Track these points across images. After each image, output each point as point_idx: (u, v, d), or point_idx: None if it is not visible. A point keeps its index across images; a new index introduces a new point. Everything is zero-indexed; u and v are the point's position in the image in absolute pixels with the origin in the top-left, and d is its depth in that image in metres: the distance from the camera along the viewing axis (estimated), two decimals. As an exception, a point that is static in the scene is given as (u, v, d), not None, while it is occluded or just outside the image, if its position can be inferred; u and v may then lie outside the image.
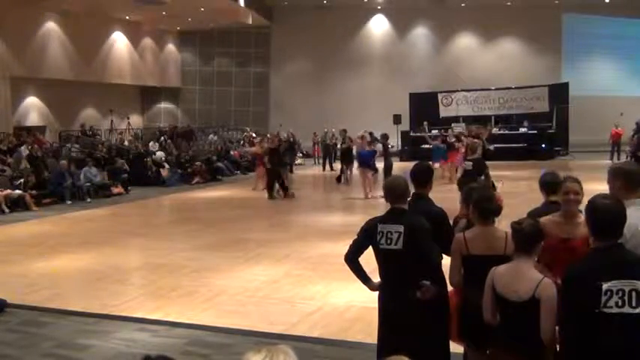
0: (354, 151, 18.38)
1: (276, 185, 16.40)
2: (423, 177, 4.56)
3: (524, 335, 3.29)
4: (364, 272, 4.26)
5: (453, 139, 18.97)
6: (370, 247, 4.23)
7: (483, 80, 29.58)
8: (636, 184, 3.67)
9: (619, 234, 3.01)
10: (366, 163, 16.15)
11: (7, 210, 14.62)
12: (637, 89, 29.43)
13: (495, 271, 3.47)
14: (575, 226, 3.96)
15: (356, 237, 4.29)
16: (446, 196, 8.23)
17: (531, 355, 3.30)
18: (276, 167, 16.34)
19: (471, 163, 11.79)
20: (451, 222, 4.56)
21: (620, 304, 2.86)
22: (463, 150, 16.79)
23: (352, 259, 4.25)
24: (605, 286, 2.87)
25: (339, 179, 19.51)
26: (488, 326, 3.60)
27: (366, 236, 4.21)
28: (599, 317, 2.89)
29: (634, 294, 2.86)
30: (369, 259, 4.26)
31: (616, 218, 3.00)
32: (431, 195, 4.55)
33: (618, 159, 23.55)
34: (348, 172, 19.29)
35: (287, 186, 16.52)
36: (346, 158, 19.41)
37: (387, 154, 17.04)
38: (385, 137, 17.74)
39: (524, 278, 3.31)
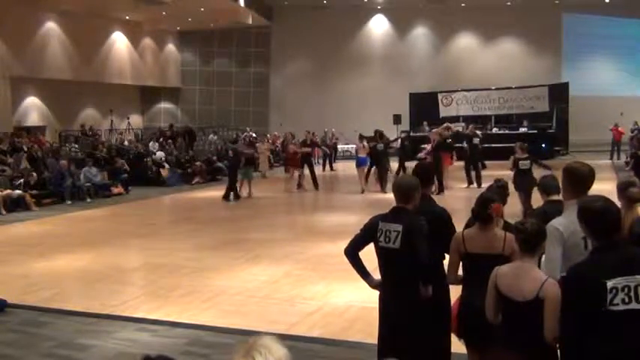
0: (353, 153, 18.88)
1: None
2: (424, 176, 4.56)
3: (527, 335, 3.28)
4: (363, 267, 4.26)
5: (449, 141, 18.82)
6: (372, 245, 4.23)
7: (483, 80, 29.56)
8: (580, 185, 3.76)
9: (616, 231, 3.02)
10: (363, 164, 17.63)
11: (4, 212, 14.60)
12: (637, 89, 29.40)
13: (498, 271, 3.47)
14: None
15: (358, 232, 4.30)
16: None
17: (533, 354, 3.29)
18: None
19: (528, 162, 11.83)
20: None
21: (626, 300, 2.86)
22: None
23: (351, 252, 4.25)
24: (609, 283, 2.86)
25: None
26: (486, 325, 3.59)
27: (368, 232, 4.21)
28: (606, 315, 2.88)
29: None
30: (370, 258, 4.26)
31: (609, 217, 3.01)
32: None
33: (618, 158, 23.56)
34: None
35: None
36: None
37: (379, 153, 17.57)
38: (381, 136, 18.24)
39: (528, 278, 3.30)
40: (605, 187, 3.78)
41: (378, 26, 33.24)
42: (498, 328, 3.51)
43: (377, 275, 4.28)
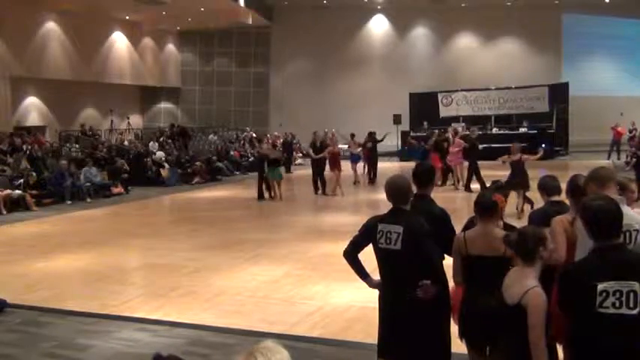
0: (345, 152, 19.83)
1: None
2: (424, 177, 4.56)
3: (513, 339, 3.28)
4: (363, 268, 4.25)
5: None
6: (371, 246, 4.22)
7: (483, 80, 29.57)
8: (602, 182, 3.78)
9: (616, 233, 3.02)
10: (356, 161, 19.57)
11: (4, 211, 14.60)
12: (637, 89, 29.42)
13: (508, 273, 3.47)
14: None
15: (357, 233, 4.29)
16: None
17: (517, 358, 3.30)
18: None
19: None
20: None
21: (617, 305, 2.86)
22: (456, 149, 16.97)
23: (351, 254, 4.25)
24: (600, 286, 2.87)
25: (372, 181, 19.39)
26: (488, 326, 3.59)
27: (366, 234, 4.20)
28: (596, 317, 2.89)
29: (632, 295, 2.86)
30: (371, 259, 4.26)
31: (610, 218, 3.00)
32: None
33: (618, 158, 23.54)
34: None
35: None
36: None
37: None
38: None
39: (518, 284, 3.28)
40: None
41: (378, 26, 33.25)
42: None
43: (376, 276, 4.29)
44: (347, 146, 18.87)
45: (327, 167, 17.60)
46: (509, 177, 11.72)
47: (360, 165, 20.01)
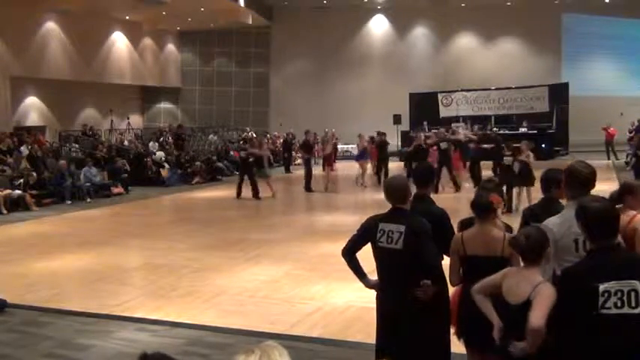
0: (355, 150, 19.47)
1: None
2: (424, 177, 4.56)
3: (518, 339, 3.26)
4: (360, 268, 4.26)
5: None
6: (369, 246, 4.22)
7: (483, 80, 29.57)
8: (581, 186, 3.68)
9: (613, 234, 3.02)
10: (362, 158, 19.21)
11: (4, 211, 14.60)
12: (637, 89, 29.40)
13: (506, 274, 3.45)
14: None
15: (355, 233, 4.29)
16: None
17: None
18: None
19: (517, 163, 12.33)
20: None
21: (619, 304, 2.86)
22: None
23: (349, 253, 4.25)
24: (601, 287, 2.87)
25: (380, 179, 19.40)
26: (486, 327, 3.59)
27: (366, 233, 4.20)
28: (598, 319, 2.89)
29: (633, 294, 2.86)
30: (370, 259, 4.26)
31: (607, 219, 3.00)
32: None
33: (617, 159, 23.53)
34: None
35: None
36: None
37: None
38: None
39: (526, 282, 3.27)
40: (606, 186, 3.76)
41: (378, 26, 33.24)
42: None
43: (375, 276, 4.28)
44: (355, 145, 18.84)
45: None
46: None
47: (369, 165, 19.62)
